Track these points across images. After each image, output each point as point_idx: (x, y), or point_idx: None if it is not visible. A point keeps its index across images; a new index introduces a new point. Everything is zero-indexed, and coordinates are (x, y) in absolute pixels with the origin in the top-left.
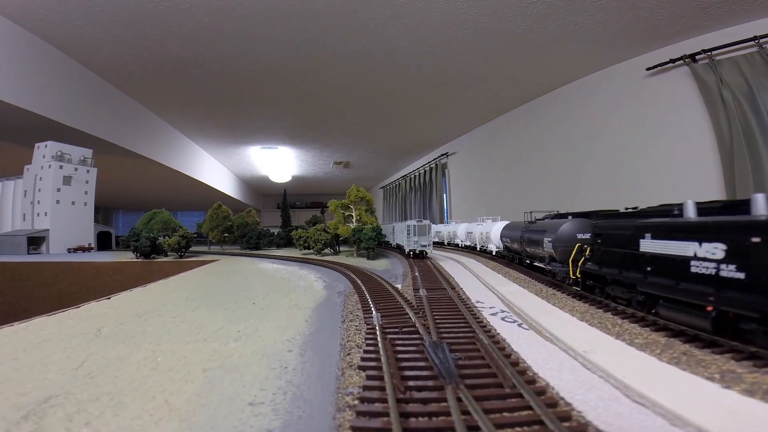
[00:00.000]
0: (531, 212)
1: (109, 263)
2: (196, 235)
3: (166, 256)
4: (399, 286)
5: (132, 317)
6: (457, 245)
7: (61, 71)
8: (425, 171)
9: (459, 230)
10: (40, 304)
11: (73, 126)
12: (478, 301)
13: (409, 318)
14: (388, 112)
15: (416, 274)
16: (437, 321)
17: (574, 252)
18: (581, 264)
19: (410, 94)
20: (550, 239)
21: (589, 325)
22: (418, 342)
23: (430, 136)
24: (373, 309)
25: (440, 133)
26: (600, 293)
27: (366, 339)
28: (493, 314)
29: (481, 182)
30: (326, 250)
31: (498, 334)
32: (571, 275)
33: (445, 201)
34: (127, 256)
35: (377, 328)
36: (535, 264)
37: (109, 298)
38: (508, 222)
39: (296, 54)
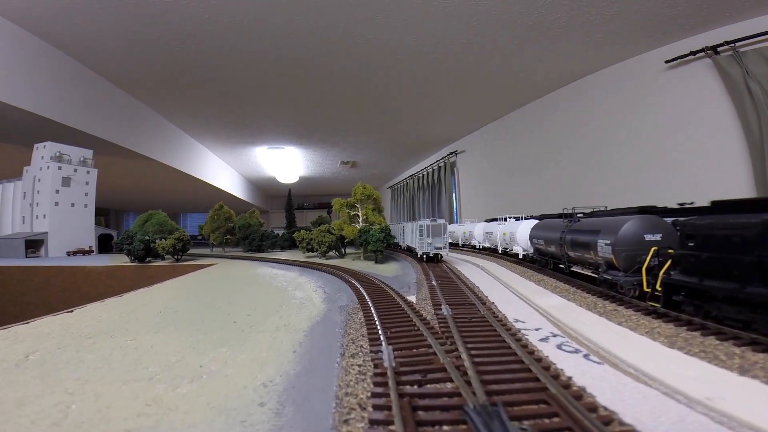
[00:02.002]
0: (573, 208)
1: (102, 268)
2: (199, 237)
3: (163, 259)
4: (413, 299)
5: (79, 339)
6: (474, 247)
7: (61, 71)
8: (434, 170)
9: (476, 230)
10: (31, 310)
11: (74, 126)
12: (516, 320)
13: (435, 354)
14: (395, 109)
15: (433, 282)
16: (476, 359)
17: (648, 258)
18: (663, 274)
19: (418, 90)
20: (608, 242)
21: (687, 354)
22: (455, 402)
23: (438, 134)
24: (382, 337)
25: (449, 130)
26: (696, 312)
27: (373, 393)
28: (543, 340)
29: (493, 180)
30: (331, 253)
31: (571, 379)
32: (645, 287)
33: (454, 200)
34: (123, 260)
35: (389, 372)
36: (577, 270)
37: (71, 311)
38: (537, 221)
39: (300, 49)
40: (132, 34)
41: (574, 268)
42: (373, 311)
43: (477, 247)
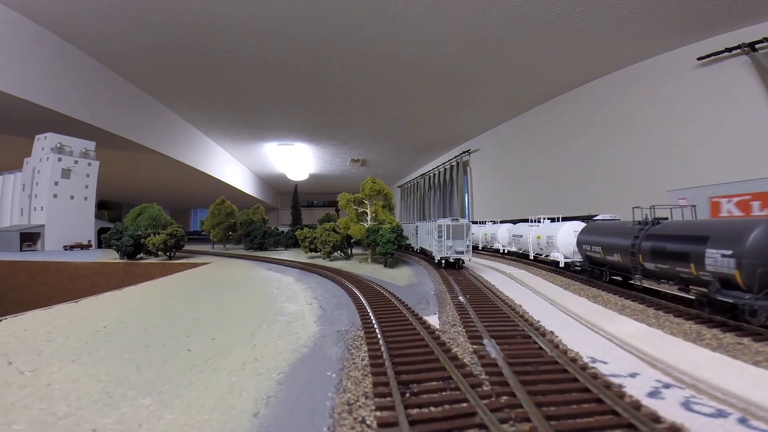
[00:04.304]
0: (653, 207)
1: (89, 264)
2: (204, 233)
3: (157, 256)
4: (435, 322)
5: None
6: (497, 250)
7: (67, 62)
8: (445, 169)
9: (500, 232)
10: (16, 308)
11: (78, 118)
12: (594, 360)
13: None
14: (407, 106)
15: (460, 298)
16: None
17: None
18: None
19: (431, 87)
20: (727, 252)
21: None
22: None
23: (451, 132)
24: (398, 406)
25: (463, 128)
26: None
27: None
28: (653, 394)
29: (509, 180)
30: (336, 254)
31: None
32: None
33: (466, 200)
34: (114, 256)
35: None
36: (649, 284)
37: None
38: (582, 222)
39: (310, 41)
40: (135, 23)
41: (645, 282)
42: (382, 346)
43: (501, 251)
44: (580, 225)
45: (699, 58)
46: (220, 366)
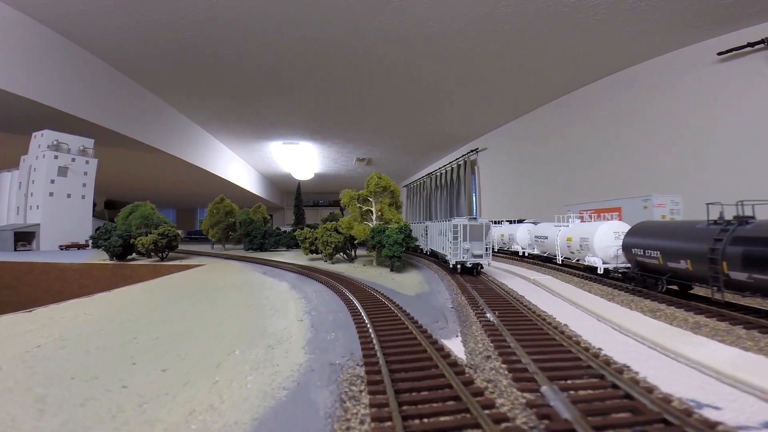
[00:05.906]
0: (741, 203)
1: (77, 266)
2: (205, 233)
3: (149, 257)
4: (459, 349)
5: None
6: (515, 253)
7: (68, 59)
8: (452, 168)
9: (519, 233)
10: (3, 308)
11: (78, 115)
12: (697, 403)
13: None
14: (412, 104)
15: (489, 315)
16: None
17: None
18: None
19: (439, 84)
20: None
21: None
22: None
23: (458, 130)
24: None
25: (470, 126)
26: None
27: None
28: None
29: (518, 179)
30: (338, 255)
31: None
32: None
33: (474, 199)
34: (104, 257)
35: None
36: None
37: None
38: (622, 222)
39: (313, 38)
40: (136, 19)
41: (726, 296)
42: (390, 399)
43: (521, 253)
44: (621, 225)
45: (719, 53)
46: (155, 416)
